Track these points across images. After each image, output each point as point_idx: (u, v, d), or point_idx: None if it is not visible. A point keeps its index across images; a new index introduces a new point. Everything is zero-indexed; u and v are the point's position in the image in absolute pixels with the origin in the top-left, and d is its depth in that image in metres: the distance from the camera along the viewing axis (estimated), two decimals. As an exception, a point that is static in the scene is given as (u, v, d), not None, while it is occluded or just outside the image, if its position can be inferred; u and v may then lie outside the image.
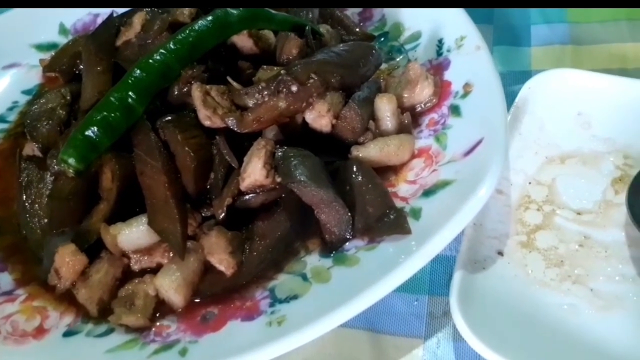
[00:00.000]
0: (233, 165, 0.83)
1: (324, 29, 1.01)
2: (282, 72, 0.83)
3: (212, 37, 0.91)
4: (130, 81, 0.85)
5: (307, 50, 0.93)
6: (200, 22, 0.90)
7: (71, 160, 0.81)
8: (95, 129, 0.82)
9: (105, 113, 0.83)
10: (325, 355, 0.77)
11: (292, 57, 0.91)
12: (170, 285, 0.77)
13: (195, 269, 0.79)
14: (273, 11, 0.96)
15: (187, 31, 0.89)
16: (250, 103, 0.83)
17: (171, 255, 0.81)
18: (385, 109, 0.86)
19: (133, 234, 0.80)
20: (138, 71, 0.86)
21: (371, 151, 0.83)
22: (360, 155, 0.83)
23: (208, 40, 0.91)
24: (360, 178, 0.80)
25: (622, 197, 0.81)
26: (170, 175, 0.81)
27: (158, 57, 0.87)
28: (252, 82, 0.89)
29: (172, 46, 0.88)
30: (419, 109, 0.91)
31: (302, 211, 0.80)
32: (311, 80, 0.82)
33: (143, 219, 0.81)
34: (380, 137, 0.86)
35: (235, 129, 0.82)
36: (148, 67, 0.86)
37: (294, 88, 0.81)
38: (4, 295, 0.84)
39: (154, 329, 0.78)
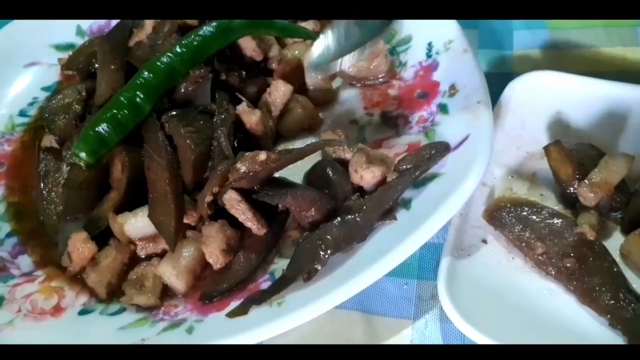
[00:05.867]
0: (227, 155, 0.81)
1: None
2: None
3: (216, 42, 0.91)
4: (138, 82, 0.85)
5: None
6: (205, 28, 0.90)
7: (82, 155, 0.82)
8: (105, 125, 0.82)
9: (114, 111, 0.83)
10: (320, 334, 0.76)
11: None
12: (172, 272, 0.76)
13: (196, 257, 0.78)
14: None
15: (192, 36, 0.89)
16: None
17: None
18: None
19: (139, 223, 0.79)
20: (146, 73, 0.86)
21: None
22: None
23: (212, 45, 0.90)
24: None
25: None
26: (173, 172, 0.80)
27: (165, 60, 0.87)
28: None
29: (177, 50, 0.88)
30: (372, 82, 0.95)
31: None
32: None
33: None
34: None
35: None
36: (155, 68, 0.86)
37: None
38: (24, 276, 0.84)
39: (163, 308, 0.77)
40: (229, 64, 0.92)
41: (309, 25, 1.00)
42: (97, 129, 0.82)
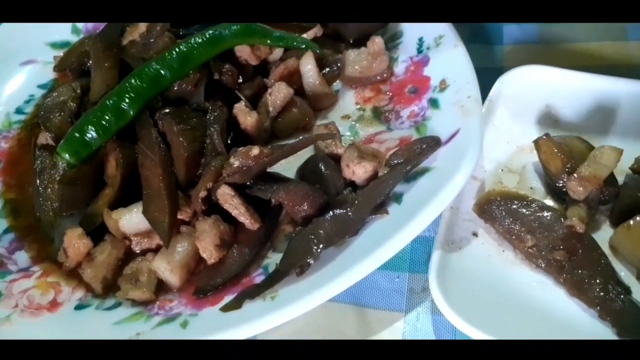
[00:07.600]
0: (220, 152, 0.80)
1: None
2: None
3: (206, 51, 0.89)
4: (124, 87, 0.85)
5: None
6: (195, 37, 0.89)
7: (66, 156, 0.83)
8: (90, 129, 0.83)
9: (99, 115, 0.83)
10: (314, 327, 0.75)
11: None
12: (166, 267, 0.76)
13: (190, 252, 0.77)
14: (268, 27, 0.93)
15: (183, 45, 0.88)
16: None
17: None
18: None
19: (133, 219, 0.79)
20: (133, 79, 0.85)
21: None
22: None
23: (201, 54, 0.89)
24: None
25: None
26: (166, 169, 0.80)
27: (153, 67, 0.86)
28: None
29: (167, 58, 0.87)
30: (375, 79, 0.93)
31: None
32: None
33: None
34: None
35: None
36: (142, 76, 0.86)
37: None
38: (21, 272, 0.83)
39: (157, 302, 0.76)
40: (224, 63, 0.91)
41: (309, 35, 0.97)
42: (81, 131, 0.83)
